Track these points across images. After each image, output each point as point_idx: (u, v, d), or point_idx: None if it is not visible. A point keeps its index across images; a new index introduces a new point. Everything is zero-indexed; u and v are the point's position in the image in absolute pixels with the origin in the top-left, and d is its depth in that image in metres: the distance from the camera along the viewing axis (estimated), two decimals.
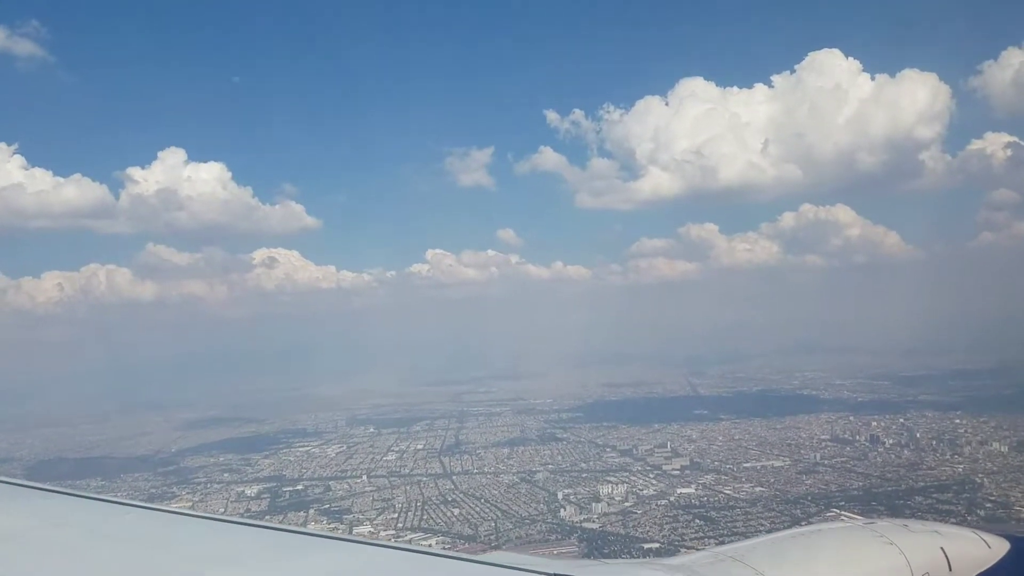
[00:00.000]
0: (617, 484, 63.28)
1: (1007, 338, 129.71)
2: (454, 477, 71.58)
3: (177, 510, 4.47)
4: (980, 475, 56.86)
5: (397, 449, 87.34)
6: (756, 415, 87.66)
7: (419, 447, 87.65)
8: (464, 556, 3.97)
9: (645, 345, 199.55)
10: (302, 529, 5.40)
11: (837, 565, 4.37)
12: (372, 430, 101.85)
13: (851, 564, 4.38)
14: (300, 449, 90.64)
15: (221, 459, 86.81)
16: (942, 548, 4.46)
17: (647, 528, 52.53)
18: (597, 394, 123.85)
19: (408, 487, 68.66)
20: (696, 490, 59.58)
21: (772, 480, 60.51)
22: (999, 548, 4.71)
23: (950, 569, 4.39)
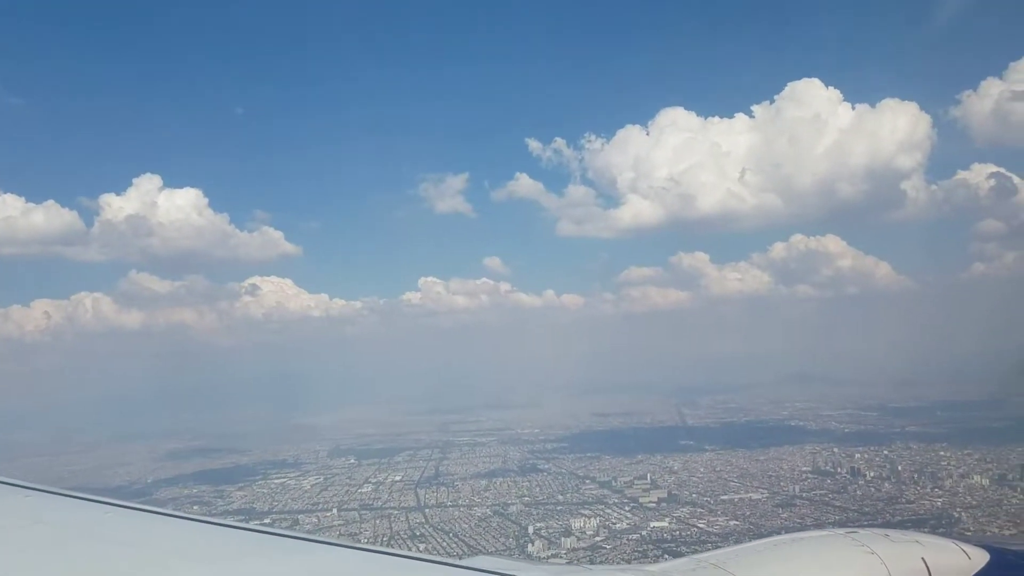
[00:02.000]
0: (591, 517, 61.71)
1: (998, 370, 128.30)
2: (427, 510, 69.95)
3: (159, 510, 4.40)
4: (959, 509, 55.38)
5: (374, 480, 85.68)
6: (741, 446, 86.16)
7: (397, 479, 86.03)
8: (447, 560, 3.94)
9: (637, 374, 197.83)
10: (285, 531, 4.84)
11: (817, 573, 4.36)
12: (352, 461, 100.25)
13: (831, 572, 4.37)
14: (276, 481, 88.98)
15: (194, 490, 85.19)
16: (923, 558, 4.45)
17: (615, 563, 50.93)
18: (585, 424, 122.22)
19: (378, 520, 67.07)
20: (669, 524, 58.07)
21: (748, 513, 58.95)
22: (979, 559, 4.67)
23: None
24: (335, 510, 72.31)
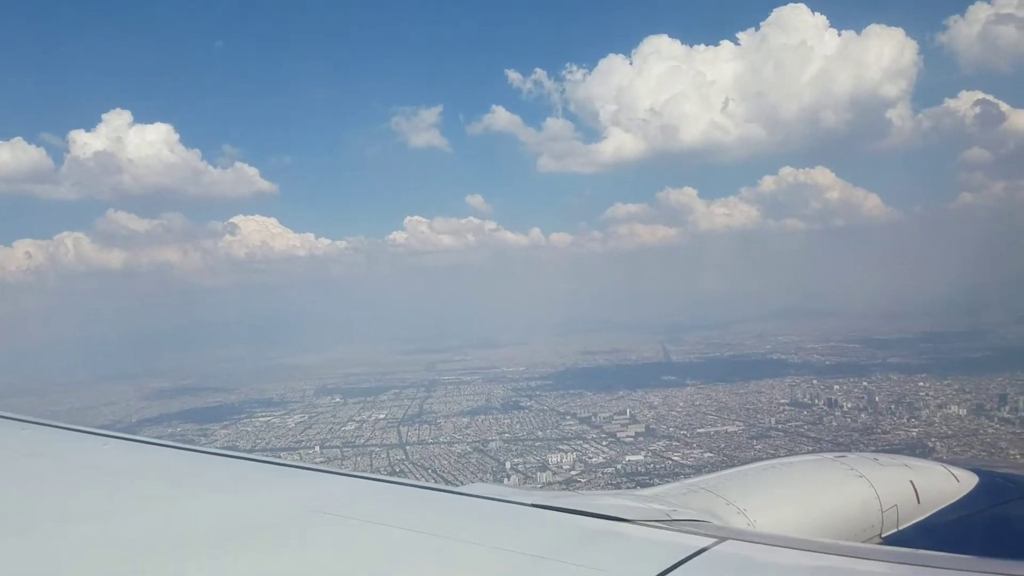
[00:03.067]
0: (568, 452, 62.00)
1: (984, 300, 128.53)
2: (408, 447, 70.23)
3: (158, 441, 4.37)
4: (934, 439, 55.62)
5: (358, 419, 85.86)
6: (722, 380, 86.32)
7: (380, 417, 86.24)
8: (442, 488, 4.03)
9: (624, 312, 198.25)
10: (282, 461, 5.21)
11: (807, 496, 4.36)
12: (338, 399, 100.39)
13: (821, 495, 4.36)
14: (260, 419, 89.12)
15: (179, 429, 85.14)
16: (911, 481, 4.47)
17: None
18: (571, 362, 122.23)
19: (358, 458, 67.24)
20: (644, 457, 58.37)
21: (722, 446, 59.23)
22: (968, 482, 4.68)
23: (918, 501, 4.41)
24: (317, 448, 72.57)
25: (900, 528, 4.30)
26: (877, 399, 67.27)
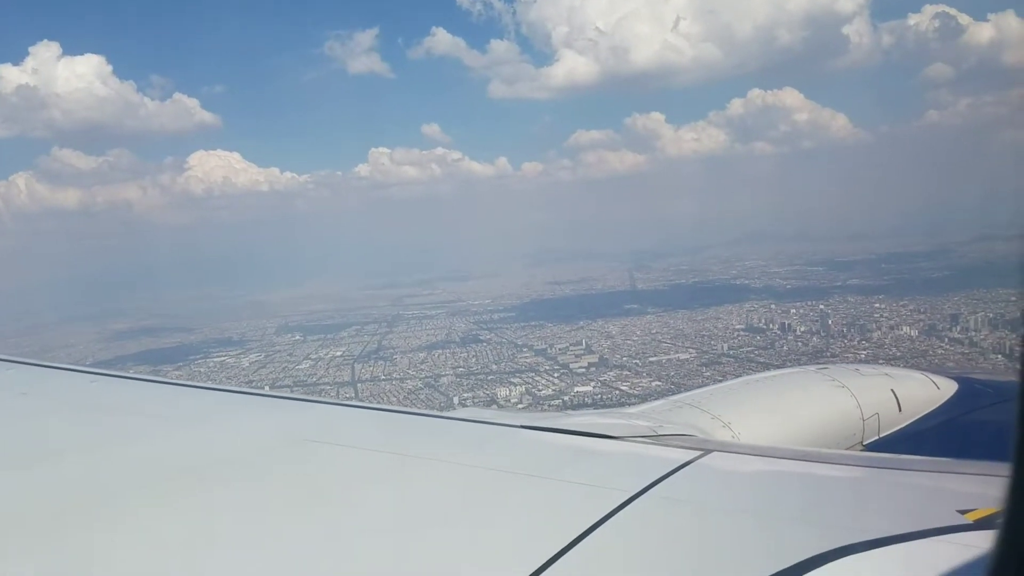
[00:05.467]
0: (519, 385, 61.23)
1: (948, 219, 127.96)
2: (359, 384, 69.28)
3: (147, 377, 4.45)
4: (882, 360, 54.99)
5: (315, 357, 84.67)
6: (683, 307, 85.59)
7: (337, 354, 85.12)
8: (429, 413, 4.12)
9: (595, 241, 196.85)
10: (266, 392, 5.26)
11: (789, 408, 4.44)
12: (298, 337, 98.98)
13: (803, 406, 4.43)
14: (216, 359, 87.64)
15: (132, 372, 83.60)
16: (892, 390, 4.52)
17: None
18: (537, 293, 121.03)
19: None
20: (593, 388, 57.60)
21: (672, 374, 58.55)
22: (948, 389, 4.73)
23: (900, 410, 4.46)
24: (267, 388, 71.27)
25: (881, 435, 4.36)
26: (830, 322, 66.69)
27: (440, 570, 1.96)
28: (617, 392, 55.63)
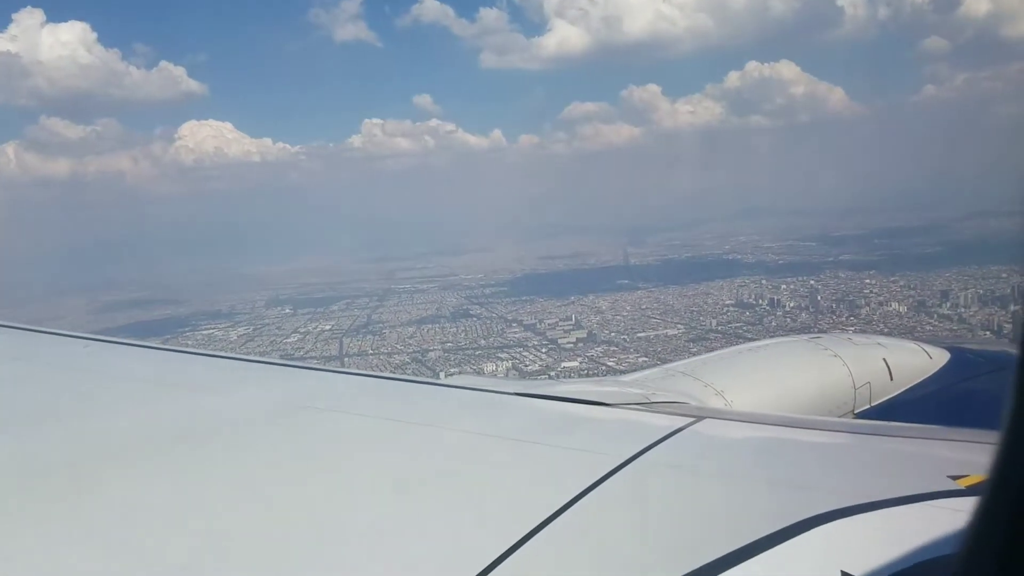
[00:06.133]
0: (506, 360, 60.89)
1: (943, 195, 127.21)
2: (346, 359, 68.80)
3: (141, 343, 4.58)
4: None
5: (304, 331, 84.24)
6: (675, 283, 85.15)
7: (327, 328, 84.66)
8: (424, 380, 4.04)
9: (591, 214, 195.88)
10: (259, 359, 5.29)
11: (782, 376, 4.44)
12: (288, 311, 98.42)
13: (795, 375, 4.44)
14: (203, 332, 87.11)
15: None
16: (884, 359, 4.52)
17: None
18: (529, 267, 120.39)
19: None
20: (580, 364, 57.29)
21: (659, 349, 58.17)
22: (940, 358, 4.74)
23: (892, 378, 4.47)
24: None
25: (873, 404, 4.36)
26: (820, 298, 66.27)
27: (435, 533, 1.97)
28: (604, 368, 55.30)
